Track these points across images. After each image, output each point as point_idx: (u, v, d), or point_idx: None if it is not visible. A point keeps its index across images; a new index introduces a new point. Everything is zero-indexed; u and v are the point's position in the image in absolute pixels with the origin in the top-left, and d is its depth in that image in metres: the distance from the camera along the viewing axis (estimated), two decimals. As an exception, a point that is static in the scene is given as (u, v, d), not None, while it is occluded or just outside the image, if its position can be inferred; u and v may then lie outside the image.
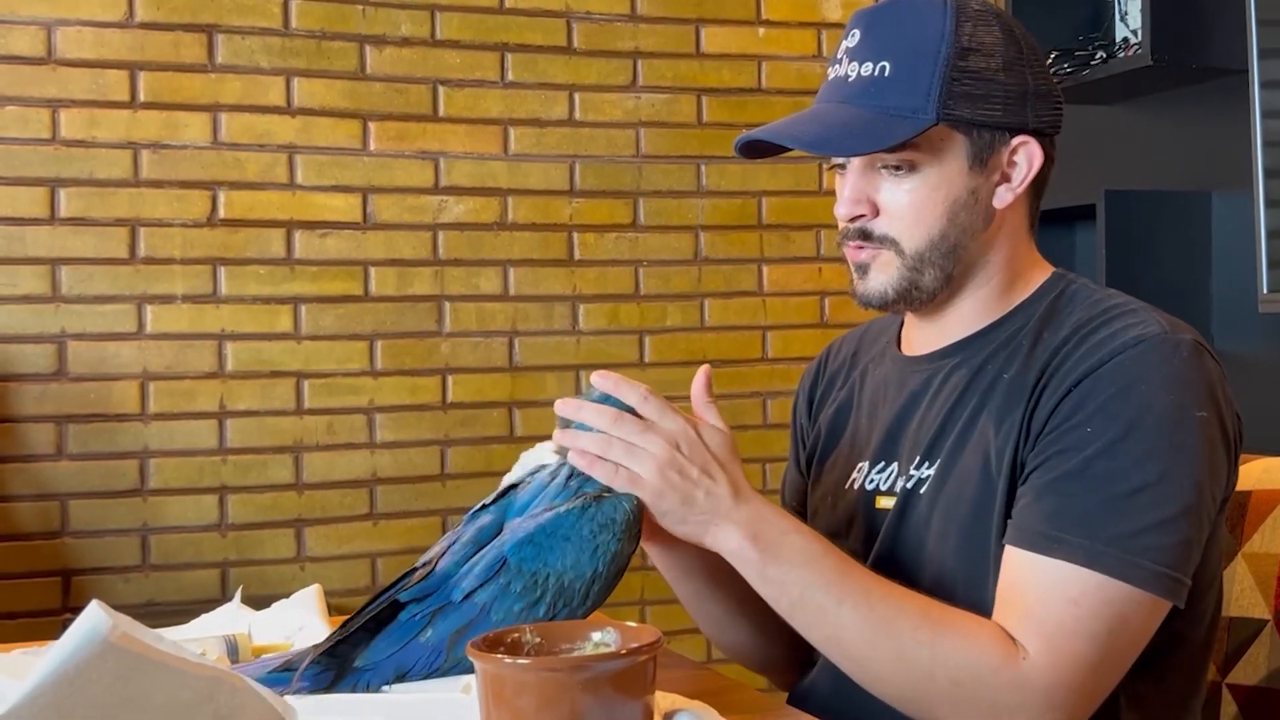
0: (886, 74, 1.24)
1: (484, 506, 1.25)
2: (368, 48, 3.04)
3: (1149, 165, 2.97)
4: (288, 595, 2.97)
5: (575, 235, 3.20)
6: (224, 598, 2.87)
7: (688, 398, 1.65)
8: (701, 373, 1.25)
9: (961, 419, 1.27)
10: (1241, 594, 1.49)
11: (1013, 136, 1.27)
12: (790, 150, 1.30)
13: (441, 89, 3.10)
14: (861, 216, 1.28)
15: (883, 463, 1.34)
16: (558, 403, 1.21)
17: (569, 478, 1.21)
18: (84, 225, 2.84)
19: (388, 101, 3.05)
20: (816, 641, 1.20)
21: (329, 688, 1.15)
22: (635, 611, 3.20)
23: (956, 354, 1.32)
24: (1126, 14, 2.97)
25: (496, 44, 3.13)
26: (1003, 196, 1.29)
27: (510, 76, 3.15)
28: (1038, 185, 1.33)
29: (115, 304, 2.86)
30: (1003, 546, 1.20)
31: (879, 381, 1.41)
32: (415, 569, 1.22)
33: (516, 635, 1.03)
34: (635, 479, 1.17)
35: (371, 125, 3.04)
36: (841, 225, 1.31)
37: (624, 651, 0.98)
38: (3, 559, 2.79)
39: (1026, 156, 1.28)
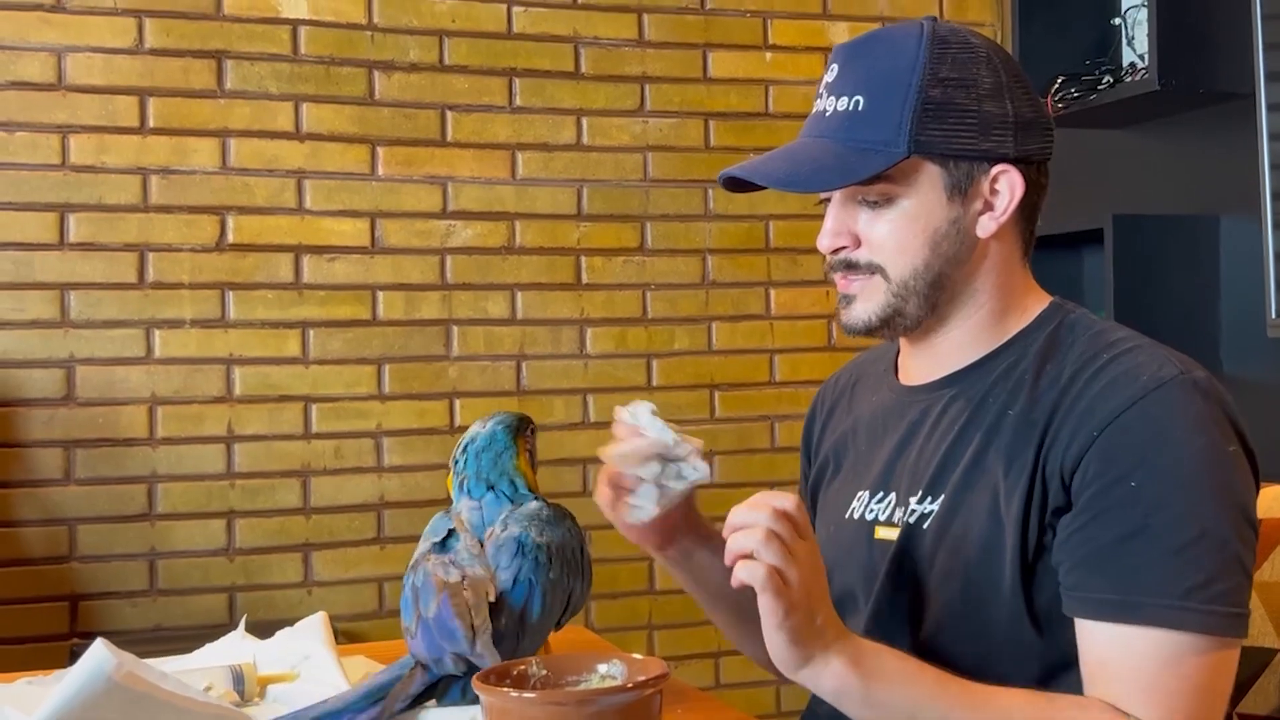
0: (860, 108, 1.25)
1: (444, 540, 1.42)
2: (376, 73, 3.05)
3: (1157, 189, 2.97)
4: (295, 620, 2.97)
5: (583, 259, 3.20)
6: (231, 623, 2.87)
7: (696, 421, 1.67)
8: None
9: (967, 454, 1.26)
10: (1251, 623, 1.48)
11: (993, 166, 1.27)
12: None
13: (449, 114, 3.11)
14: (844, 248, 1.28)
15: (882, 492, 1.34)
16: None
17: (496, 497, 1.45)
18: (93, 250, 2.85)
19: (396, 126, 3.06)
20: None
21: None
22: (643, 635, 3.19)
23: (954, 385, 1.32)
24: (1134, 39, 2.98)
25: (504, 69, 3.14)
26: (986, 226, 1.28)
27: (518, 101, 3.16)
28: (1028, 212, 1.32)
29: (124, 329, 2.87)
30: (1013, 591, 1.20)
31: (877, 410, 1.41)
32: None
33: (523, 668, 1.03)
34: (782, 588, 1.07)
35: (380, 150, 3.05)
36: (826, 259, 1.31)
37: (630, 685, 0.98)
38: (10, 584, 2.79)
39: (1008, 185, 1.27)
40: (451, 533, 1.40)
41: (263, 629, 1.65)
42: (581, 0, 3.19)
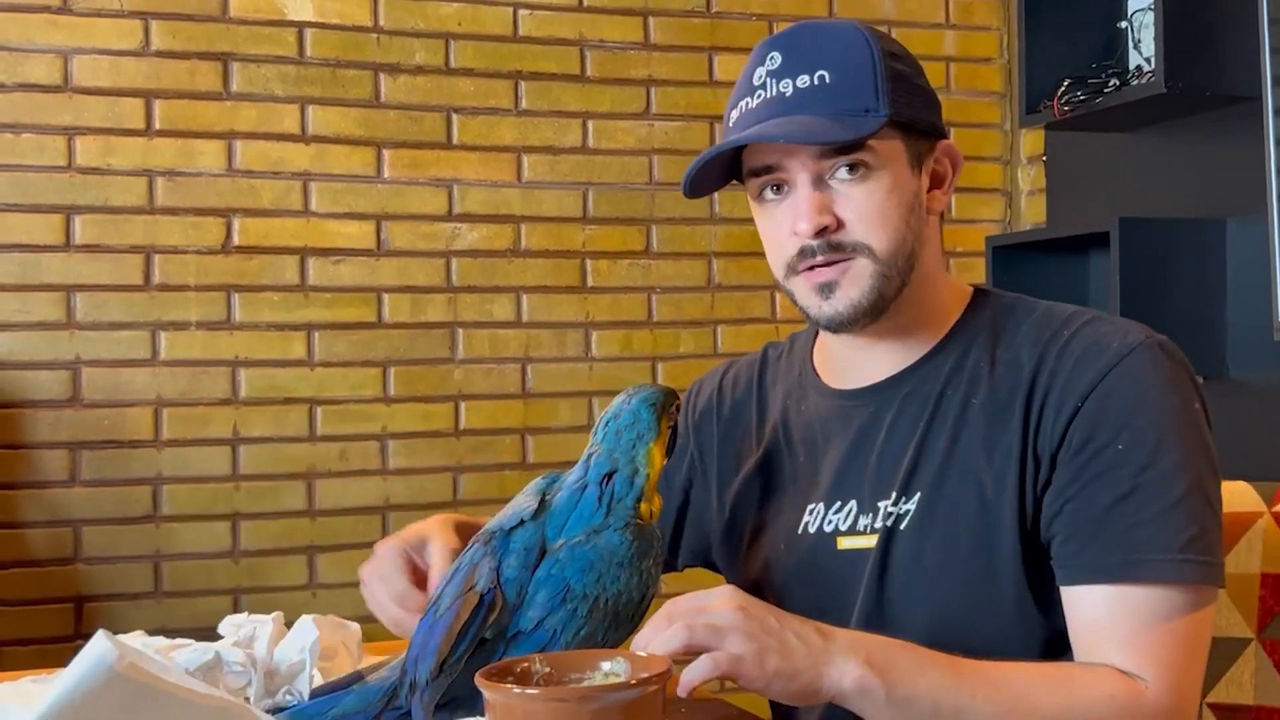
0: (829, 81, 1.23)
1: (513, 529, 1.23)
2: (382, 76, 3.05)
3: (1163, 192, 2.96)
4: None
5: (588, 262, 3.20)
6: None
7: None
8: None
9: (938, 450, 1.25)
10: (1218, 613, 1.52)
11: (936, 141, 1.30)
12: (720, 187, 1.31)
13: (455, 117, 3.11)
14: (826, 230, 1.24)
15: (839, 502, 1.31)
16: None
17: (599, 496, 1.21)
18: (99, 252, 2.85)
19: (402, 129, 3.06)
20: None
21: None
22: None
23: (904, 384, 1.30)
24: (1140, 42, 2.97)
25: (510, 72, 3.14)
26: (939, 201, 1.30)
27: (524, 104, 3.16)
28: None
29: (129, 330, 2.87)
30: (1017, 575, 1.20)
31: (810, 418, 1.38)
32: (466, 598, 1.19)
33: (526, 665, 1.03)
34: (735, 657, 1.06)
35: (385, 153, 3.05)
36: (801, 245, 1.25)
37: (633, 682, 0.97)
38: (15, 585, 2.79)
39: (950, 158, 1.30)
40: (525, 521, 1.23)
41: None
42: (587, 3, 3.19)
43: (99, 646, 0.69)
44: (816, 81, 1.23)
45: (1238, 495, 1.55)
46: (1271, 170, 2.47)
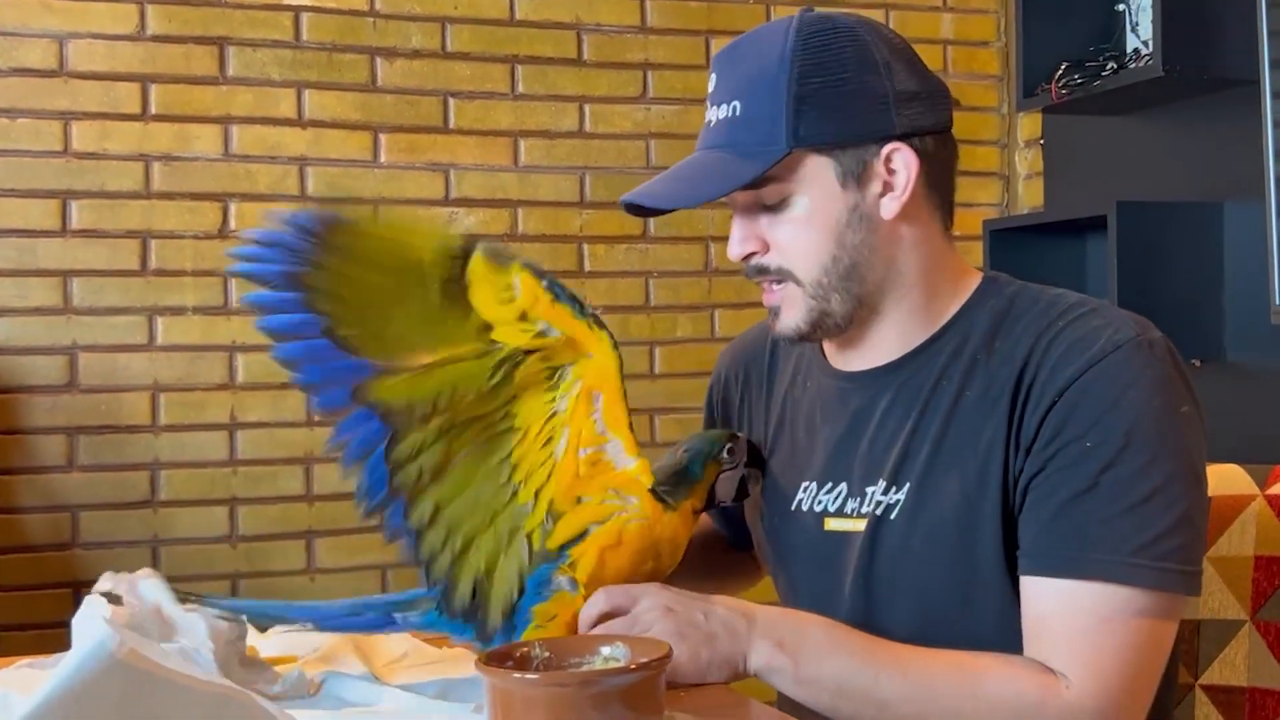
0: (738, 114, 1.24)
1: None
2: (378, 60, 3.04)
3: (1161, 176, 2.96)
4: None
5: (585, 247, 3.20)
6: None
7: (698, 409, 1.65)
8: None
9: (928, 441, 1.26)
10: (1211, 596, 1.53)
11: (882, 146, 1.25)
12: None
13: (452, 101, 3.10)
14: (754, 254, 1.28)
15: (830, 483, 1.32)
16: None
17: None
18: (95, 237, 2.85)
19: (398, 114, 3.05)
20: None
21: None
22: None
23: (901, 371, 1.30)
24: (1137, 25, 2.97)
25: (507, 56, 3.14)
26: (889, 207, 1.26)
27: (520, 88, 3.15)
28: (937, 185, 1.30)
29: (126, 315, 2.87)
30: (999, 566, 1.21)
31: (812, 395, 1.39)
32: None
33: (525, 650, 1.03)
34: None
35: (382, 137, 3.04)
36: (742, 265, 1.31)
37: (633, 666, 0.98)
38: (13, 570, 2.79)
39: (903, 161, 1.25)
40: None
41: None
42: (584, -13, 3.19)
43: (100, 632, 0.69)
44: (730, 114, 1.25)
45: (1230, 478, 1.55)
46: (1269, 153, 2.47)
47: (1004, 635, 1.21)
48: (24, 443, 2.81)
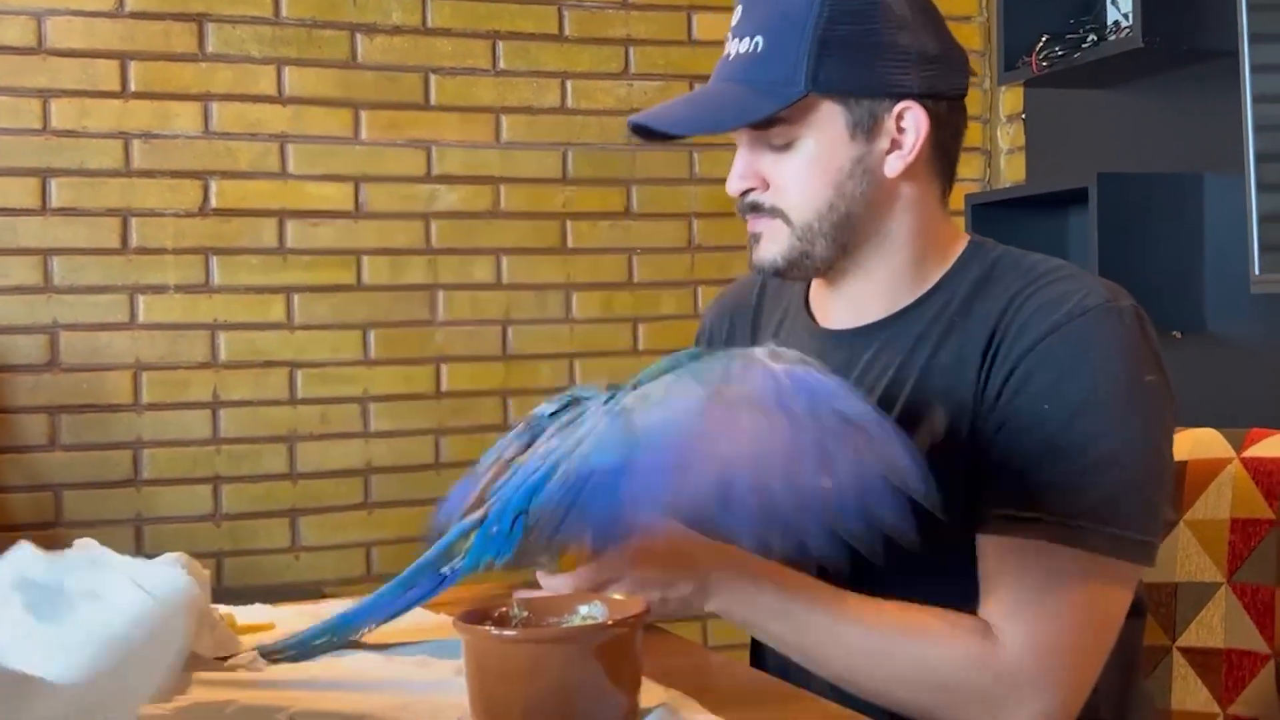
0: (759, 49, 1.24)
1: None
2: (359, 36, 3.04)
3: (1141, 148, 2.96)
4: (281, 585, 2.97)
5: (568, 223, 3.20)
6: (218, 588, 2.87)
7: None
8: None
9: (901, 398, 1.26)
10: (1188, 559, 1.54)
11: (896, 103, 1.25)
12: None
13: (433, 77, 3.10)
14: (751, 190, 1.28)
15: None
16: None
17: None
18: (75, 215, 2.84)
19: (379, 90, 3.05)
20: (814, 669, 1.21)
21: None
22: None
23: (881, 332, 1.31)
24: (1118, -3, 2.97)
25: (488, 32, 3.13)
26: (893, 165, 1.26)
27: (502, 64, 3.15)
28: (942, 151, 1.29)
29: (107, 294, 2.86)
30: (964, 524, 1.20)
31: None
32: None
33: (504, 609, 1.03)
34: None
35: (363, 114, 3.04)
36: (735, 201, 1.30)
37: (609, 623, 0.98)
38: (-3, 550, 2.78)
39: (914, 122, 1.25)
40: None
41: (248, 595, 1.64)
42: (565, -38, 3.18)
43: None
44: (751, 49, 1.24)
45: (1207, 442, 1.56)
46: (1248, 125, 2.47)
47: (967, 595, 1.21)
48: (6, 422, 2.80)
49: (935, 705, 1.16)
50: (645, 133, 1.32)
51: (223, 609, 1.28)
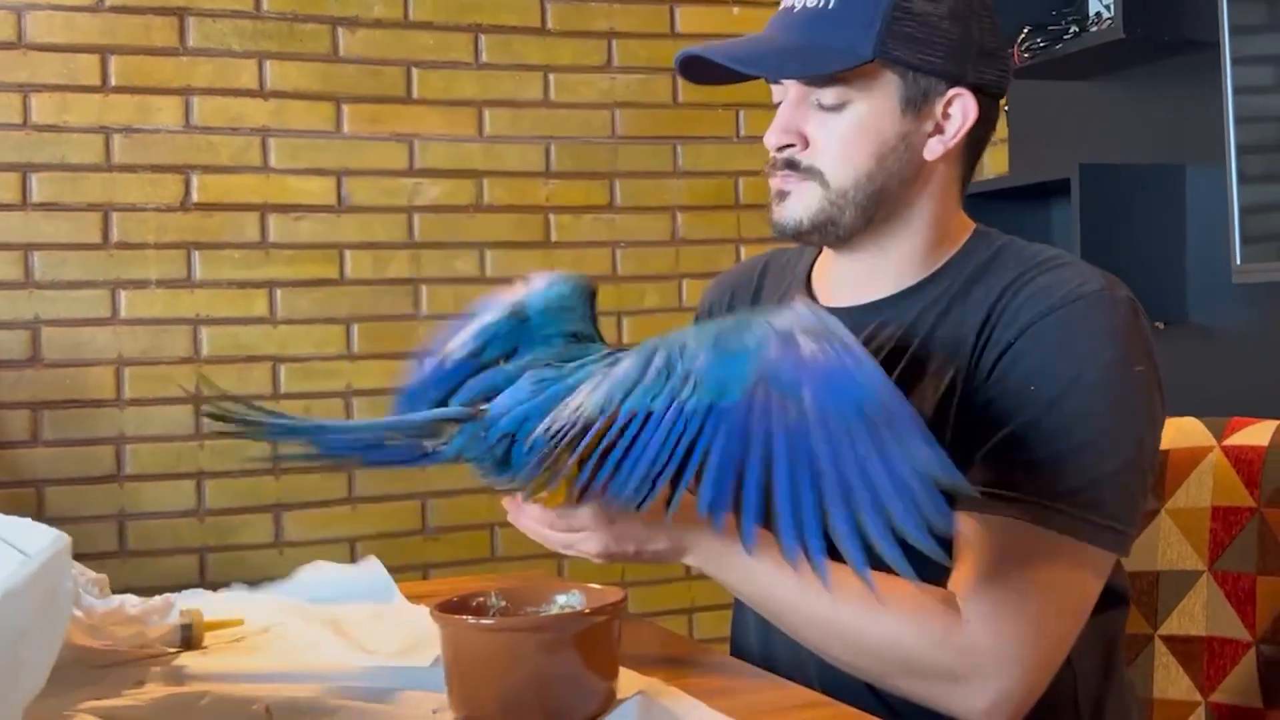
0: (829, 6, 1.24)
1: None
2: (340, 30, 3.03)
3: (1123, 139, 2.97)
4: (267, 580, 2.95)
5: (552, 217, 3.19)
6: (202, 583, 2.86)
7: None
8: None
9: (893, 374, 1.25)
10: (1169, 547, 1.54)
11: (949, 87, 1.26)
12: (732, 81, 1.28)
13: (415, 71, 3.09)
14: (790, 147, 1.27)
15: None
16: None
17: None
18: (56, 210, 2.83)
19: (361, 84, 3.04)
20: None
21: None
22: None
23: (882, 311, 1.31)
24: (1100, -12, 2.97)
25: (470, 25, 3.12)
26: (934, 148, 1.27)
27: (484, 58, 3.14)
28: (974, 145, 1.31)
29: (89, 289, 2.85)
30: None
31: None
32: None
33: (481, 598, 1.03)
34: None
35: (345, 108, 3.03)
36: (770, 155, 1.29)
37: (586, 611, 0.98)
38: (-21, 546, 2.77)
39: (961, 109, 1.26)
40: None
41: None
42: (547, -45, 3.17)
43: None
44: (821, 4, 1.24)
45: (1188, 431, 1.56)
46: (1229, 116, 2.48)
47: (946, 574, 1.21)
48: (-13, 418, 2.79)
49: (898, 677, 1.17)
50: (693, 72, 1.31)
51: (190, 604, 1.27)
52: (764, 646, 1.34)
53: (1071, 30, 2.88)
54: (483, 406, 1.15)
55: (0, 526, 0.87)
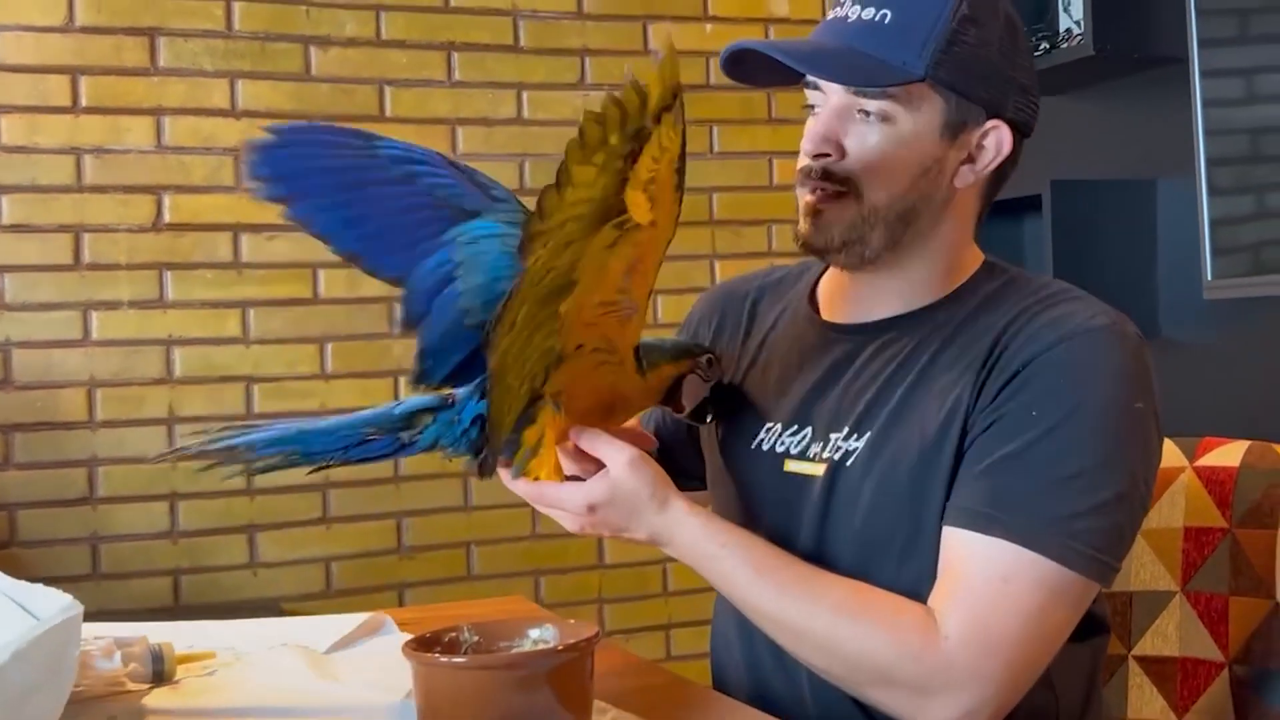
0: (886, 21, 1.25)
1: None
2: (312, 48, 3.02)
3: (1094, 155, 2.98)
4: (240, 601, 2.94)
5: (526, 234, 3.18)
6: (176, 605, 2.84)
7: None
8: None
9: (895, 396, 1.27)
10: (1142, 568, 1.54)
11: (989, 118, 1.28)
12: (773, 84, 1.31)
13: (388, 89, 3.08)
14: (826, 156, 1.27)
15: (796, 426, 1.34)
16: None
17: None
18: (27, 232, 2.81)
19: (334, 102, 3.03)
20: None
21: None
22: (593, 609, 3.19)
23: (888, 331, 1.32)
24: (1069, 5, 2.98)
25: (443, 43, 3.12)
26: (965, 176, 1.29)
27: (457, 76, 3.13)
28: (997, 180, 1.33)
29: (60, 311, 2.83)
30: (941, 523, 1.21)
31: (791, 341, 1.40)
32: None
33: (454, 634, 1.02)
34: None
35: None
36: (804, 163, 1.29)
37: (560, 648, 0.98)
38: (-50, 571, 2.75)
39: (996, 142, 1.28)
40: None
41: (206, 612, 1.63)
42: (519, -27, 3.17)
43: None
44: (877, 18, 1.26)
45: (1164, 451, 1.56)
46: (1199, 131, 2.49)
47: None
48: (-42, 441, 2.77)
49: (869, 685, 1.19)
50: (739, 69, 1.30)
51: (161, 638, 1.26)
52: (749, 658, 1.34)
53: (1042, 46, 2.89)
54: (451, 391, 1.19)
55: (16, 590, 0.89)
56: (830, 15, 1.31)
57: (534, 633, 1.03)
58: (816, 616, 1.17)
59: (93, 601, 2.98)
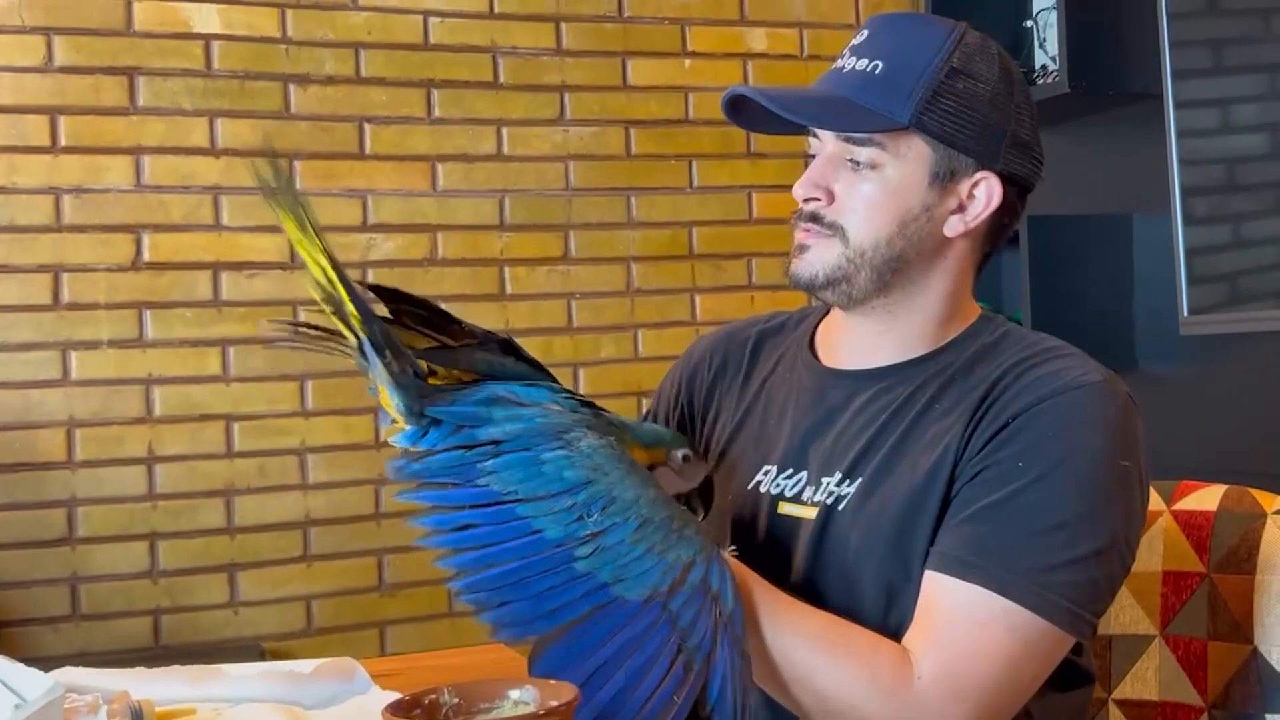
0: (877, 72, 1.28)
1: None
2: (291, 87, 3.02)
3: (1070, 190, 3.00)
4: (220, 641, 2.92)
5: (506, 269, 3.19)
6: (156, 646, 2.83)
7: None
8: None
9: (888, 443, 1.29)
10: (1122, 611, 1.55)
11: (978, 169, 1.29)
12: (772, 130, 1.34)
13: (368, 126, 3.09)
14: (816, 201, 1.30)
15: (791, 469, 1.35)
16: None
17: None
18: (6, 272, 2.81)
19: (313, 140, 3.03)
20: None
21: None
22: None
23: (885, 378, 1.34)
24: (1045, 41, 3.01)
25: (422, 80, 3.12)
26: (954, 225, 1.30)
27: (437, 112, 3.14)
28: (995, 232, 1.35)
29: (39, 351, 2.82)
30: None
31: (791, 386, 1.42)
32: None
33: (434, 696, 1.02)
34: None
35: (298, 164, 3.02)
36: (797, 208, 1.33)
37: (541, 712, 0.97)
38: (-73, 614, 2.74)
39: (986, 192, 1.30)
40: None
41: (187, 652, 1.62)
42: (498, 9, 3.18)
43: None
44: (869, 69, 1.29)
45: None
46: (1174, 166, 2.51)
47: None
48: (-64, 483, 2.75)
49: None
50: (740, 116, 1.34)
51: (141, 696, 1.26)
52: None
53: (1018, 83, 2.91)
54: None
55: (2, 669, 0.89)
56: (834, 65, 1.34)
57: (514, 694, 1.03)
58: (794, 648, 1.17)
59: (73, 643, 2.98)
